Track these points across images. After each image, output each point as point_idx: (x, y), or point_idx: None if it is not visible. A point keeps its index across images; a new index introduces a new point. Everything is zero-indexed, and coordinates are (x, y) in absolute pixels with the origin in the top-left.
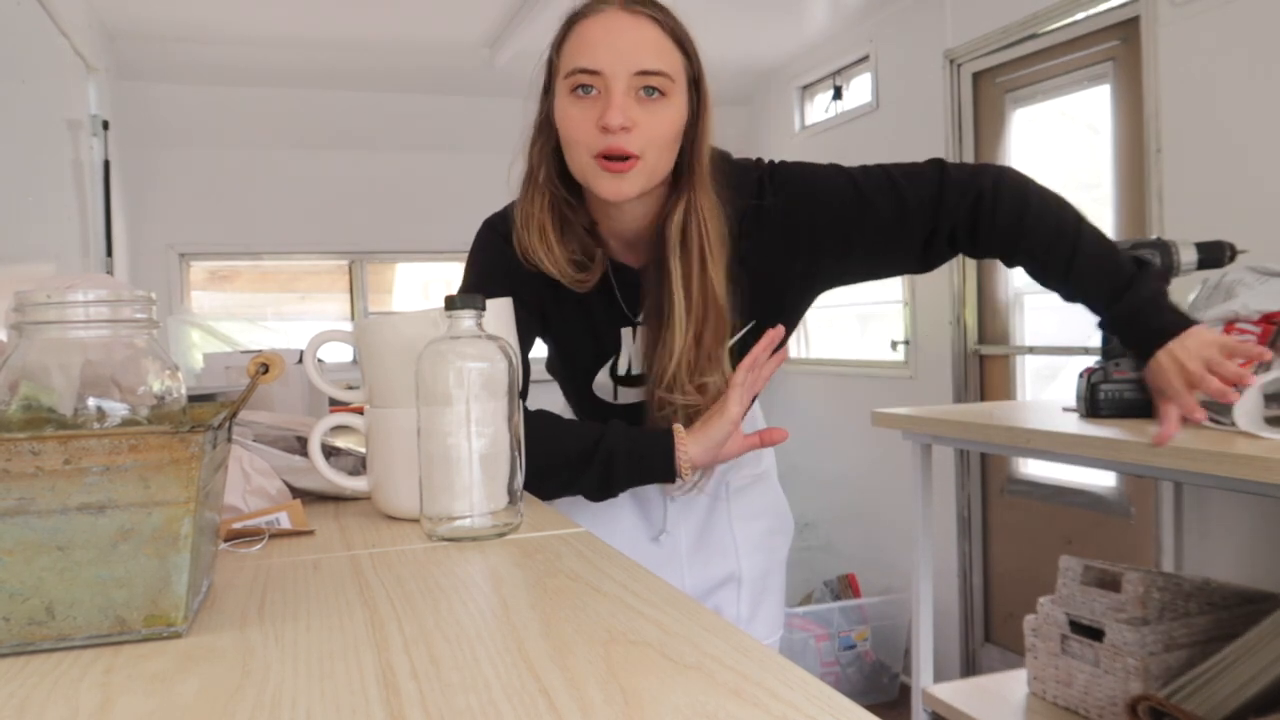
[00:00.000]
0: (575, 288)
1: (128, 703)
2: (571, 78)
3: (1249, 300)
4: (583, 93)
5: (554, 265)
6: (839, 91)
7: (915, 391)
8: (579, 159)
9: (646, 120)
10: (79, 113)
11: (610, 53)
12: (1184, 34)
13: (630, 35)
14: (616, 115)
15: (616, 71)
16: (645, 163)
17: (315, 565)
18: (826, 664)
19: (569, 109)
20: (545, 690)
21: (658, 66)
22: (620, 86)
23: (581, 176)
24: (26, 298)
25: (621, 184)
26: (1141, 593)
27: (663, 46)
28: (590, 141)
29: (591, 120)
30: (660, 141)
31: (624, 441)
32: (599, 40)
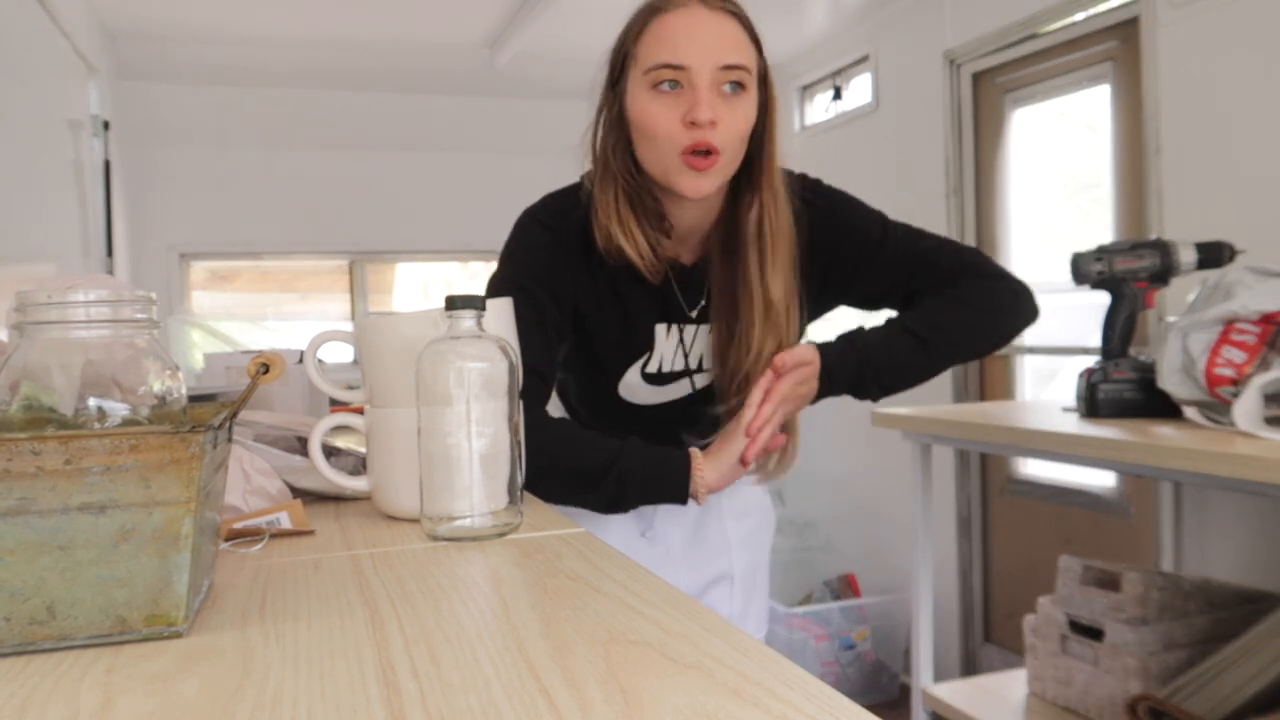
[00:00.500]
0: (651, 277)
1: (128, 702)
2: (654, 73)
3: (1248, 300)
4: (668, 88)
5: (637, 251)
6: (839, 91)
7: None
8: (663, 155)
9: (729, 115)
10: (79, 113)
11: (695, 47)
12: (1184, 34)
13: (714, 30)
14: (706, 110)
15: (703, 66)
16: (724, 159)
17: (315, 565)
18: (826, 664)
19: (649, 104)
20: (545, 690)
21: (740, 60)
22: (705, 81)
23: (662, 172)
24: (27, 298)
25: (702, 181)
26: (1141, 593)
27: (741, 41)
28: (677, 136)
29: (677, 115)
30: (739, 136)
31: (639, 461)
32: (682, 35)
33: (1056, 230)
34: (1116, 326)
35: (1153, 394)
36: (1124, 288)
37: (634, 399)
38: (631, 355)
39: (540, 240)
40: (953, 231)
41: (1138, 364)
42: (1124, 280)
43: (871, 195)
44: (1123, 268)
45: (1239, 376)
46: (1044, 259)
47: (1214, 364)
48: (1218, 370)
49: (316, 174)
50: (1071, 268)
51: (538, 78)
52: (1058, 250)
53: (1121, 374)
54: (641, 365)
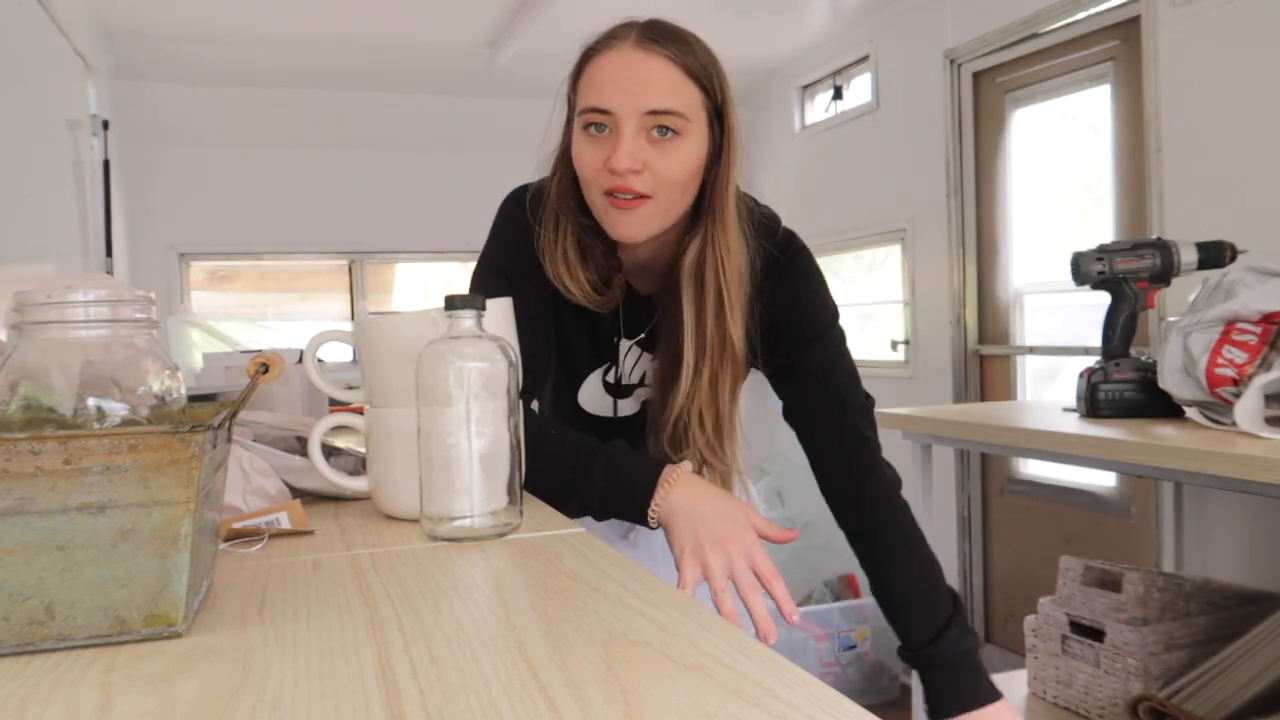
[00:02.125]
0: (597, 309)
1: (128, 703)
2: (584, 115)
3: (1249, 300)
4: (595, 130)
5: (578, 290)
6: (839, 91)
7: (915, 391)
8: (591, 196)
9: (658, 160)
10: (79, 113)
11: (620, 92)
12: (1184, 34)
13: (641, 74)
14: (624, 158)
15: (626, 111)
16: (657, 203)
17: (315, 565)
18: (826, 664)
19: (582, 146)
20: (545, 690)
21: (669, 105)
22: (630, 127)
23: (595, 213)
24: (26, 298)
25: (630, 222)
26: (1142, 593)
27: (676, 84)
28: (600, 180)
29: (601, 160)
30: (673, 182)
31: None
32: (609, 78)
33: (1057, 230)
34: (1117, 326)
35: (1153, 394)
36: (1125, 288)
37: (590, 409)
38: (595, 361)
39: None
40: (953, 231)
41: (1138, 364)
42: (1125, 280)
43: (872, 195)
44: (1123, 268)
45: (1240, 376)
46: (1044, 259)
47: (1215, 364)
48: (1218, 370)
49: (316, 174)
50: (1072, 268)
51: (538, 78)
52: (1058, 250)
53: (1122, 374)
54: (604, 372)
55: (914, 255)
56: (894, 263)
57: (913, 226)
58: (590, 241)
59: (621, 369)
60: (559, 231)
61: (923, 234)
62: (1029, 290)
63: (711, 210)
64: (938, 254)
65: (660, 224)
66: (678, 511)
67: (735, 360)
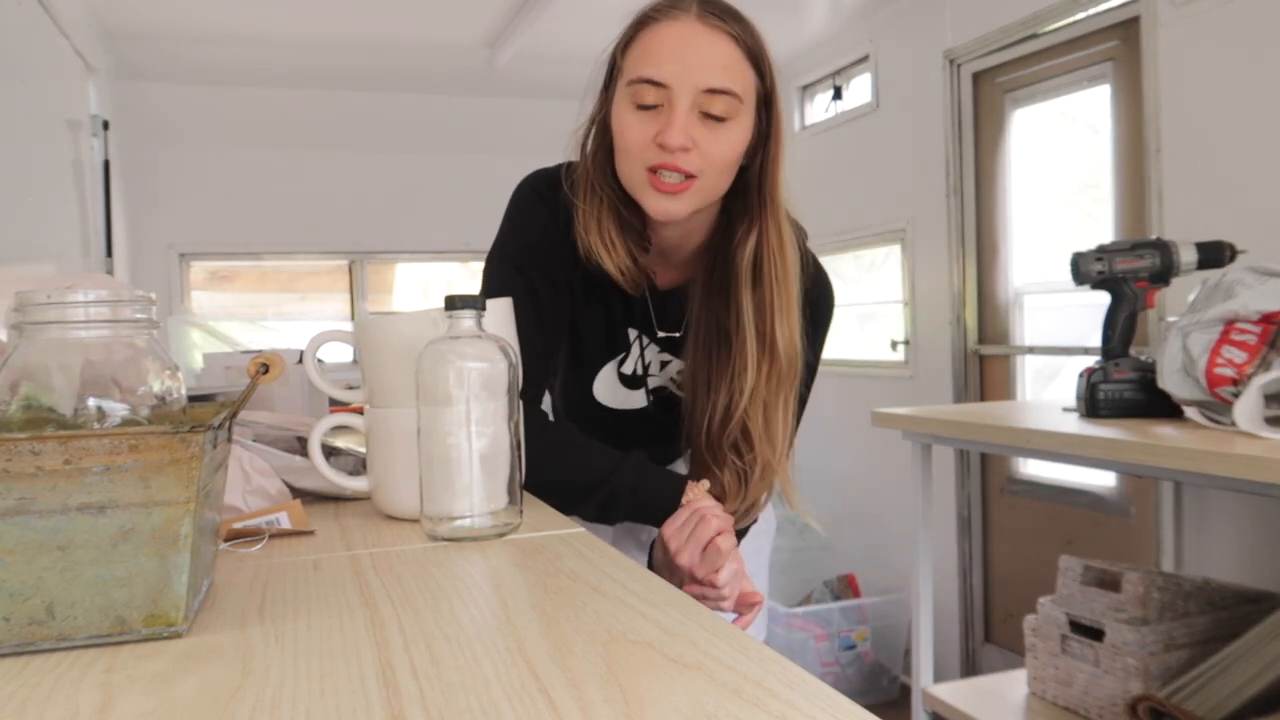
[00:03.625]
0: (629, 288)
1: (128, 703)
2: (635, 86)
3: (1249, 300)
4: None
5: (616, 263)
6: (839, 91)
7: (915, 391)
8: (631, 170)
9: (708, 141)
10: (79, 113)
11: (679, 66)
12: (1184, 34)
13: (703, 49)
14: (678, 134)
15: (683, 87)
16: (701, 184)
17: (315, 565)
18: (826, 664)
19: (627, 117)
20: (545, 690)
21: (727, 85)
22: (685, 104)
23: (631, 188)
24: (27, 298)
25: (672, 204)
26: (1141, 593)
27: (735, 64)
28: (645, 155)
29: (649, 134)
30: (719, 165)
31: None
32: (668, 51)
33: (1057, 230)
34: (1117, 326)
35: (1153, 394)
36: (1124, 288)
37: (604, 400)
38: (610, 351)
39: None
40: (953, 231)
41: (1138, 364)
42: (1124, 280)
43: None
44: (1123, 268)
45: (1239, 376)
46: (1044, 259)
47: (1214, 364)
48: (1218, 370)
49: (316, 174)
50: (1072, 268)
51: (538, 78)
52: (1058, 250)
53: (1122, 374)
54: (618, 364)
55: (914, 255)
56: (894, 263)
57: (913, 226)
58: (626, 216)
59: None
60: (597, 205)
61: (923, 234)
62: (1029, 290)
63: (764, 200)
64: (938, 254)
65: (699, 204)
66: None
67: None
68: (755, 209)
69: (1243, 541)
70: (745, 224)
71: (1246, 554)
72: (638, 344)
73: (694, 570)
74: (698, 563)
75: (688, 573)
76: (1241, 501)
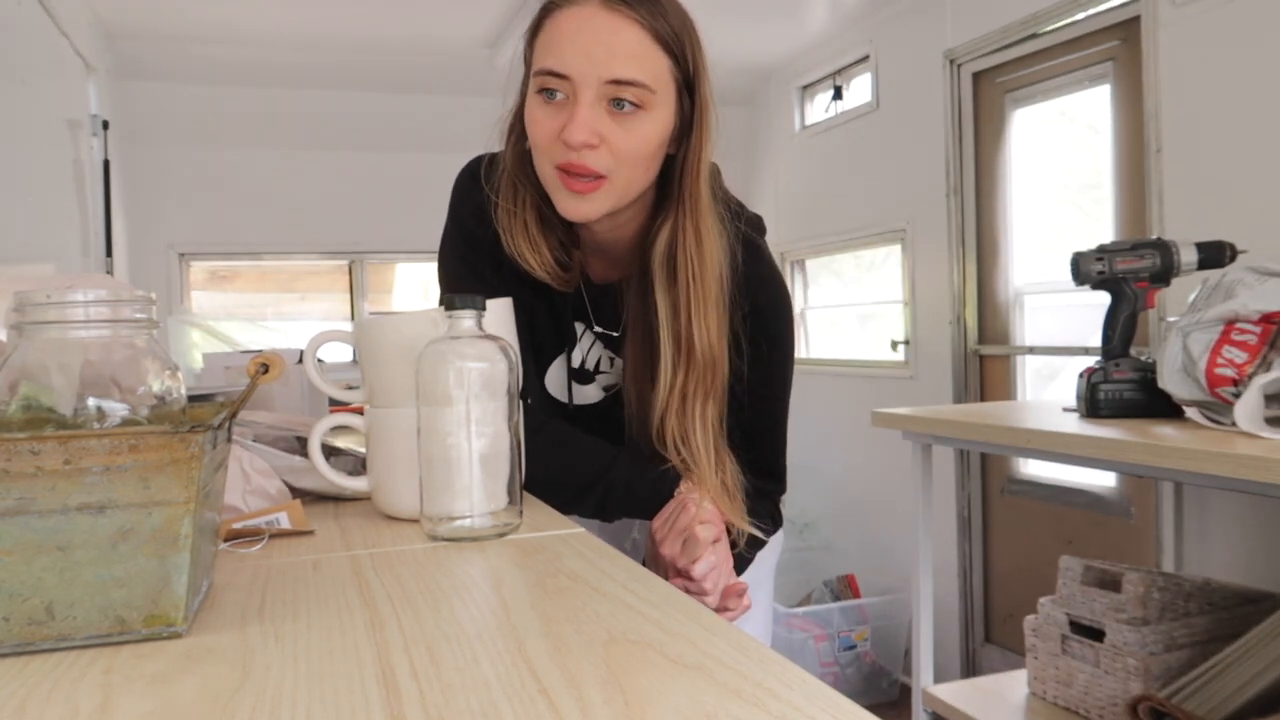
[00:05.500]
0: (560, 288)
1: (128, 703)
2: (539, 78)
3: (1249, 300)
4: (549, 96)
5: (541, 265)
6: (839, 91)
7: (915, 391)
8: (543, 168)
9: (617, 135)
10: (79, 113)
11: (580, 56)
12: (1184, 34)
13: (604, 37)
14: (579, 130)
15: (585, 78)
16: (613, 183)
17: (315, 565)
18: (825, 664)
19: (535, 111)
20: (545, 690)
21: (633, 75)
22: (588, 96)
23: (546, 187)
24: (26, 298)
25: (583, 205)
26: (1142, 593)
27: (644, 51)
28: (553, 151)
29: (557, 128)
30: (632, 159)
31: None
32: (569, 39)
33: (1057, 230)
34: (1117, 326)
35: (1153, 394)
36: (1125, 288)
37: (556, 394)
38: (558, 345)
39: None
40: (953, 231)
41: (1138, 364)
42: (1125, 280)
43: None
44: (1123, 268)
45: (1240, 376)
46: (1044, 259)
47: (1214, 364)
48: (1218, 370)
49: (316, 174)
50: (1072, 268)
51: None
52: (1058, 250)
53: (1122, 374)
54: (567, 356)
55: (914, 255)
56: (894, 263)
57: (913, 226)
58: (550, 213)
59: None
60: (518, 202)
61: (923, 234)
62: (1029, 290)
63: (682, 193)
64: (938, 254)
65: (616, 203)
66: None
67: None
68: (673, 201)
69: (1243, 542)
70: (661, 217)
71: (1247, 554)
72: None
73: (675, 561)
74: (678, 553)
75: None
76: (1242, 502)
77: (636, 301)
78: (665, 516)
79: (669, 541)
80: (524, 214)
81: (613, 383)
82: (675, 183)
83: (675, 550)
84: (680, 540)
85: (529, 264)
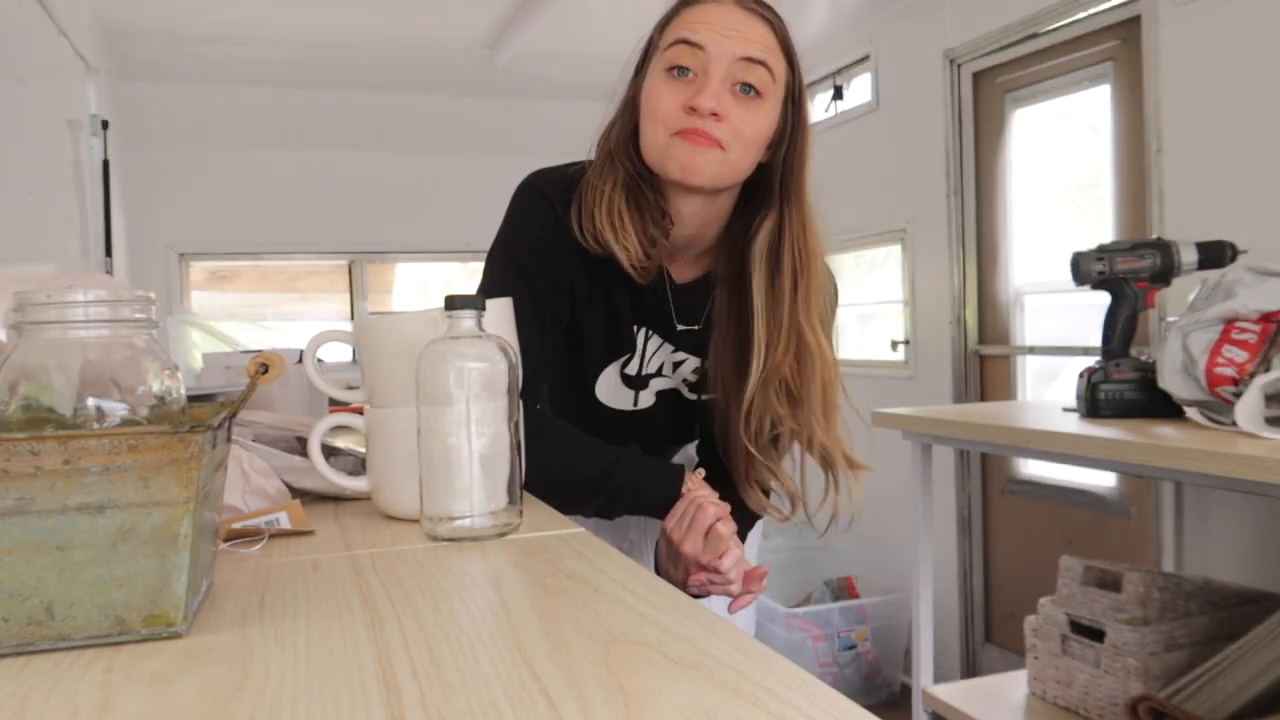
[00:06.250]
0: (638, 276)
1: (128, 703)
2: (672, 50)
3: (1248, 299)
4: (678, 74)
5: (624, 245)
6: (839, 91)
7: (915, 391)
8: (656, 136)
9: (738, 114)
10: (79, 113)
11: (716, 34)
12: (1184, 34)
13: (740, 26)
14: (709, 99)
15: (720, 52)
16: (728, 155)
17: (315, 565)
18: (824, 664)
19: (659, 86)
20: (545, 690)
21: (763, 57)
22: (720, 71)
23: (657, 152)
24: (26, 298)
25: (696, 157)
26: (1142, 593)
27: (769, 44)
28: (673, 120)
29: (680, 99)
30: (747, 140)
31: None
32: (706, 21)
33: (1057, 230)
34: (1117, 326)
35: (1153, 394)
36: (1125, 288)
37: (608, 401)
38: (613, 352)
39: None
40: (953, 231)
41: (1138, 364)
42: (1125, 280)
43: (872, 195)
44: (1124, 267)
45: (1240, 376)
46: (1044, 259)
47: (1214, 363)
48: (1218, 370)
49: (316, 174)
50: (1072, 268)
51: (538, 78)
52: (1058, 250)
53: (1122, 374)
54: (622, 364)
55: (914, 255)
56: (894, 263)
57: (913, 226)
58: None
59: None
60: (610, 182)
61: (923, 234)
62: (1029, 290)
63: (788, 192)
64: (938, 254)
65: (722, 173)
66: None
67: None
68: (777, 199)
69: (1243, 542)
70: (765, 213)
71: (1247, 554)
72: (644, 343)
73: (698, 558)
74: (701, 550)
75: (692, 560)
76: (1242, 501)
77: (726, 297)
78: (678, 517)
79: (690, 540)
80: (613, 193)
81: (668, 387)
82: (778, 183)
83: (698, 548)
84: (700, 537)
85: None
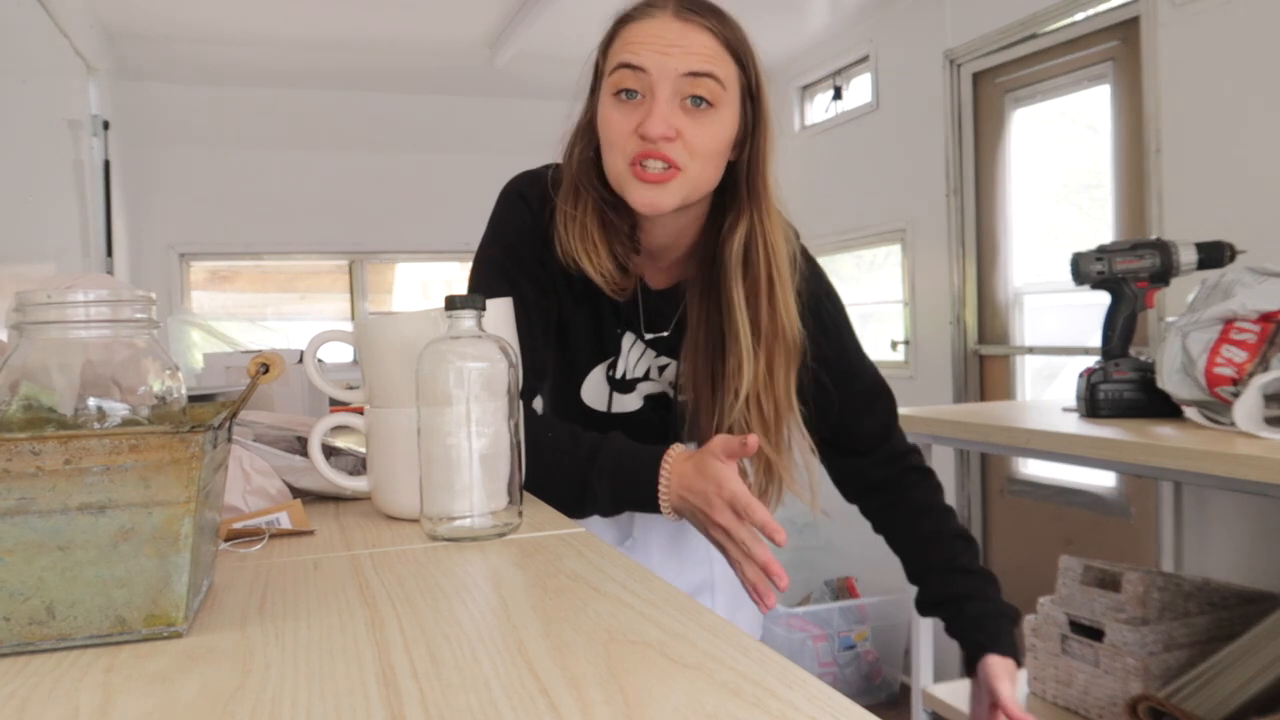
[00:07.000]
0: (615, 295)
1: (128, 703)
2: (615, 75)
3: (1247, 300)
4: (626, 97)
5: (597, 268)
6: (839, 91)
7: (915, 391)
8: (615, 165)
9: (692, 130)
10: (79, 113)
11: (657, 54)
12: (1184, 34)
13: (680, 40)
14: (658, 124)
15: (663, 71)
16: (686, 175)
17: (315, 565)
18: (824, 664)
19: (610, 111)
20: (545, 690)
21: (708, 68)
22: (665, 91)
23: (617, 184)
24: (27, 298)
25: (656, 195)
26: (1141, 593)
27: (714, 53)
28: (628, 146)
29: (631, 125)
30: (704, 154)
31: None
32: (645, 41)
33: (1056, 230)
34: (1117, 326)
35: (1153, 394)
36: (1124, 288)
37: (594, 404)
38: (599, 355)
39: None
40: (953, 231)
41: (1138, 364)
42: (1124, 280)
43: (872, 195)
44: (1123, 268)
45: (1239, 376)
46: (1044, 259)
47: (1214, 363)
48: (1217, 370)
49: (316, 174)
50: (1072, 268)
51: (538, 78)
52: (1058, 250)
53: (1122, 374)
54: (608, 366)
55: (914, 255)
56: (894, 263)
57: (913, 226)
58: (612, 219)
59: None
60: (579, 206)
61: (923, 234)
62: (1029, 290)
63: (753, 192)
64: (938, 254)
65: (685, 197)
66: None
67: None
68: (744, 200)
69: (1243, 541)
70: (733, 216)
71: (1246, 554)
72: (628, 347)
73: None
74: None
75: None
76: (1241, 501)
77: (699, 301)
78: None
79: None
80: (583, 217)
81: (655, 390)
82: (744, 183)
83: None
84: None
85: (585, 267)
